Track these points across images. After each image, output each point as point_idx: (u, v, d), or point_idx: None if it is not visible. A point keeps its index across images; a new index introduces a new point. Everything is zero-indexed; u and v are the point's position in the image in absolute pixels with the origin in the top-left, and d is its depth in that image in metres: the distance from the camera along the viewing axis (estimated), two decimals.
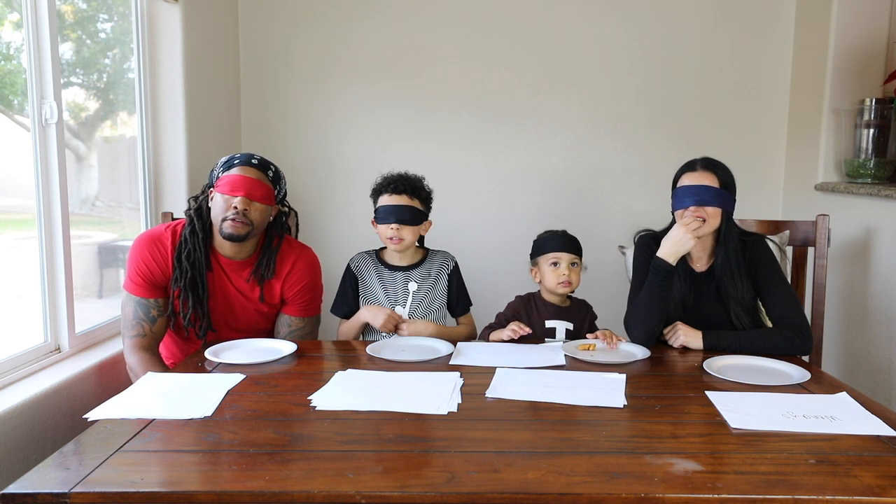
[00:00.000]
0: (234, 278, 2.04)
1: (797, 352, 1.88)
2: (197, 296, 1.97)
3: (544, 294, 2.14)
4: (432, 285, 2.21)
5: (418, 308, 2.18)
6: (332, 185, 3.22)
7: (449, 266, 2.24)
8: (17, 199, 2.05)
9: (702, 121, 3.16)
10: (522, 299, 2.16)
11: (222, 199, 1.94)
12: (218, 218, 1.95)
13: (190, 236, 1.97)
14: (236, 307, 2.06)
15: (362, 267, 2.22)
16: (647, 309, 1.93)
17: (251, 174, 1.96)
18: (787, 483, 1.13)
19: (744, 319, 1.95)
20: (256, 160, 2.01)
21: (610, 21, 3.11)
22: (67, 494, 1.10)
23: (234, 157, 2.00)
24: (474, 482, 1.14)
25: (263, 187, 1.97)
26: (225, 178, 1.95)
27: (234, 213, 1.92)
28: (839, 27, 2.78)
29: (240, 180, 1.94)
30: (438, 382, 1.62)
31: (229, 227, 1.93)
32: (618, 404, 1.48)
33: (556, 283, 2.07)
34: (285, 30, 3.14)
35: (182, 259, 1.95)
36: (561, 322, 2.10)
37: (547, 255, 2.09)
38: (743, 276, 1.95)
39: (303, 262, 2.09)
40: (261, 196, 1.96)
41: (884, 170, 2.67)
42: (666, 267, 1.92)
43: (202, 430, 1.35)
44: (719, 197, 1.92)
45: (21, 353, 1.91)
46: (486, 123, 3.17)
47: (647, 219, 2.23)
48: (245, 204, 1.93)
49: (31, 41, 1.93)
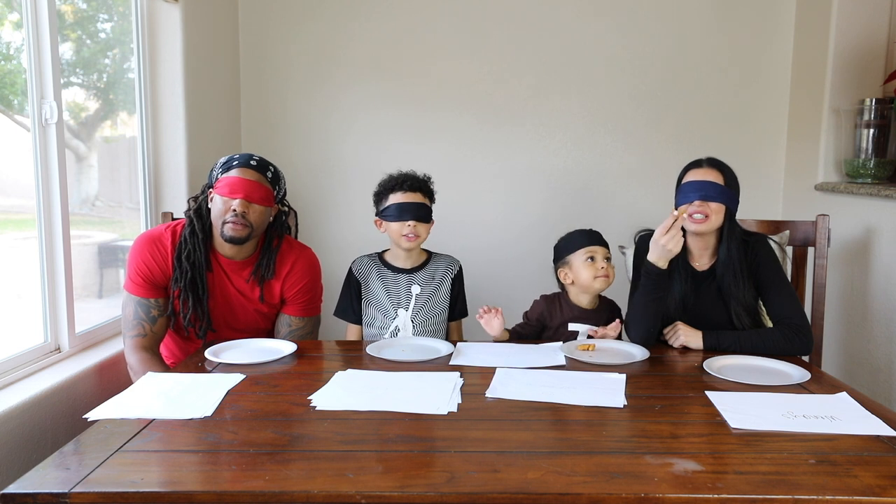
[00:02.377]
0: (234, 278, 2.04)
1: (797, 352, 1.88)
2: (197, 296, 1.97)
3: (572, 295, 2.09)
4: (436, 289, 2.20)
5: (421, 311, 2.18)
6: (332, 185, 3.22)
7: (454, 270, 2.23)
8: (17, 199, 2.05)
9: (702, 121, 3.16)
10: (547, 299, 2.11)
11: (221, 202, 1.94)
12: (218, 220, 1.95)
13: (190, 237, 1.97)
14: (236, 307, 2.06)
15: (364, 270, 2.21)
16: (644, 310, 1.93)
17: (250, 176, 1.96)
18: (787, 483, 1.13)
19: (744, 319, 1.95)
20: (255, 161, 2.00)
21: (610, 21, 3.11)
22: (67, 494, 1.10)
23: (234, 158, 2.00)
24: (474, 482, 1.14)
25: (262, 189, 1.97)
26: (224, 180, 1.95)
27: (234, 216, 1.92)
28: (839, 27, 2.78)
29: (238, 182, 1.94)
30: (438, 382, 1.62)
31: (229, 230, 1.93)
32: (618, 404, 1.48)
33: (595, 278, 2.01)
34: (285, 30, 3.14)
35: (182, 259, 1.95)
36: (583, 325, 2.06)
37: (581, 251, 2.03)
38: (745, 275, 1.95)
39: (302, 263, 2.09)
40: (259, 198, 1.96)
41: (884, 170, 2.67)
42: (656, 271, 1.90)
43: (202, 430, 1.35)
44: (723, 194, 1.92)
45: (21, 353, 1.91)
46: (485, 123, 3.17)
47: (648, 219, 2.23)
48: (244, 206, 1.93)
49: (31, 41, 1.93)
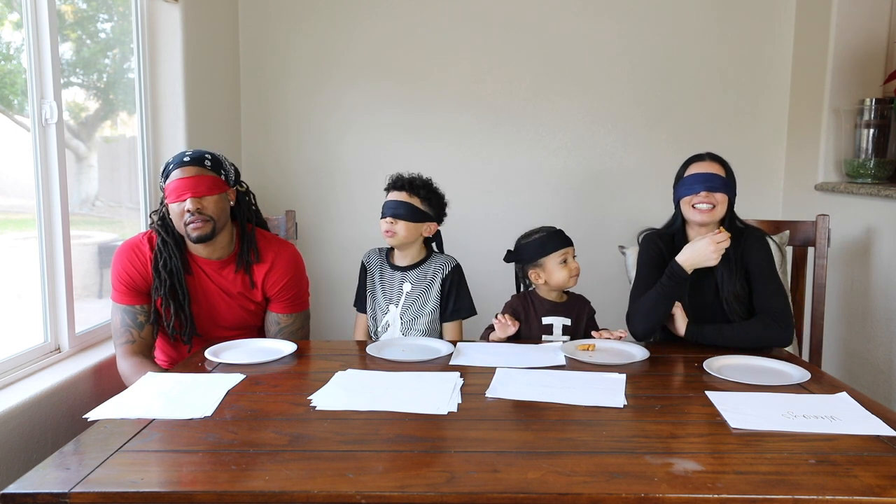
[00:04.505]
0: (216, 278, 2.03)
1: (776, 342, 1.88)
2: (178, 302, 1.98)
3: (542, 292, 2.15)
4: (426, 288, 2.21)
5: (410, 309, 2.19)
6: (332, 184, 3.21)
7: (444, 270, 2.23)
8: (17, 199, 2.05)
9: (702, 121, 3.15)
10: (519, 297, 2.17)
11: (175, 208, 1.92)
12: (180, 227, 1.94)
13: (163, 246, 1.97)
14: (221, 306, 2.06)
15: (372, 261, 2.28)
16: (655, 307, 1.94)
17: (189, 173, 1.92)
18: (787, 483, 1.13)
19: (736, 311, 1.96)
20: (188, 157, 1.95)
21: (610, 21, 3.11)
22: (67, 494, 1.10)
23: (169, 164, 1.96)
24: (474, 482, 1.14)
25: (205, 179, 1.92)
26: (168, 187, 1.93)
27: (190, 216, 1.90)
28: (839, 27, 2.78)
29: (181, 184, 1.91)
30: (438, 382, 1.62)
31: (193, 231, 1.91)
32: (618, 404, 1.48)
33: (569, 278, 2.08)
34: (285, 30, 3.14)
35: (160, 270, 1.95)
36: (558, 318, 2.11)
37: (555, 255, 2.08)
38: (737, 266, 1.97)
39: (282, 260, 2.07)
40: (206, 189, 1.92)
41: (884, 170, 2.67)
42: (682, 275, 1.91)
43: (202, 430, 1.35)
44: (726, 185, 1.97)
45: (21, 353, 1.92)
46: (485, 123, 3.17)
47: (648, 219, 2.23)
48: (195, 204, 1.90)
49: (31, 41, 1.93)
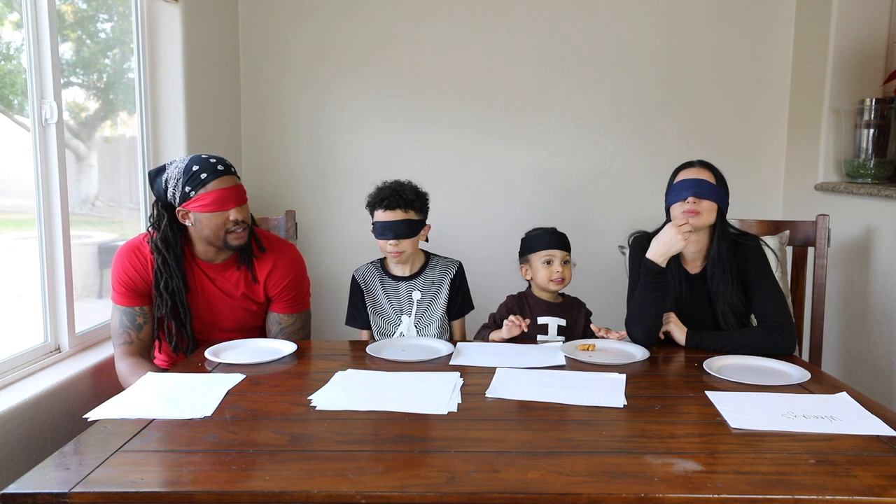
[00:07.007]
0: (218, 280, 2.03)
1: (779, 351, 1.87)
2: (180, 321, 1.99)
3: (535, 291, 2.15)
4: (435, 294, 2.21)
5: (423, 316, 2.20)
6: (331, 184, 3.21)
7: (451, 272, 2.24)
8: (17, 199, 2.05)
9: (702, 121, 3.15)
10: (515, 298, 2.17)
11: (216, 217, 1.91)
12: (215, 235, 1.93)
13: (163, 266, 1.94)
14: (222, 308, 2.05)
15: (367, 279, 2.24)
16: (643, 310, 1.93)
17: (228, 183, 1.93)
18: (787, 483, 1.13)
19: (730, 320, 1.94)
20: (223, 166, 1.94)
21: (610, 21, 3.11)
22: (67, 494, 1.10)
23: (201, 172, 1.91)
24: (474, 482, 1.14)
25: (241, 188, 1.99)
26: (207, 197, 1.89)
27: (234, 226, 1.93)
28: (839, 27, 2.78)
29: (224, 194, 1.91)
30: (438, 382, 1.62)
31: (234, 240, 1.95)
32: (618, 404, 1.48)
33: (549, 280, 2.09)
34: (285, 30, 3.14)
35: (161, 290, 1.94)
36: (553, 318, 2.11)
37: (540, 253, 2.10)
38: (733, 276, 1.95)
39: (284, 260, 2.08)
40: (245, 198, 1.99)
41: (884, 170, 2.67)
42: (655, 269, 1.91)
43: (202, 430, 1.35)
44: (715, 192, 1.94)
45: (21, 353, 1.91)
46: (486, 123, 3.17)
47: (648, 219, 2.22)
48: (241, 213, 1.94)
49: (31, 41, 1.93)
